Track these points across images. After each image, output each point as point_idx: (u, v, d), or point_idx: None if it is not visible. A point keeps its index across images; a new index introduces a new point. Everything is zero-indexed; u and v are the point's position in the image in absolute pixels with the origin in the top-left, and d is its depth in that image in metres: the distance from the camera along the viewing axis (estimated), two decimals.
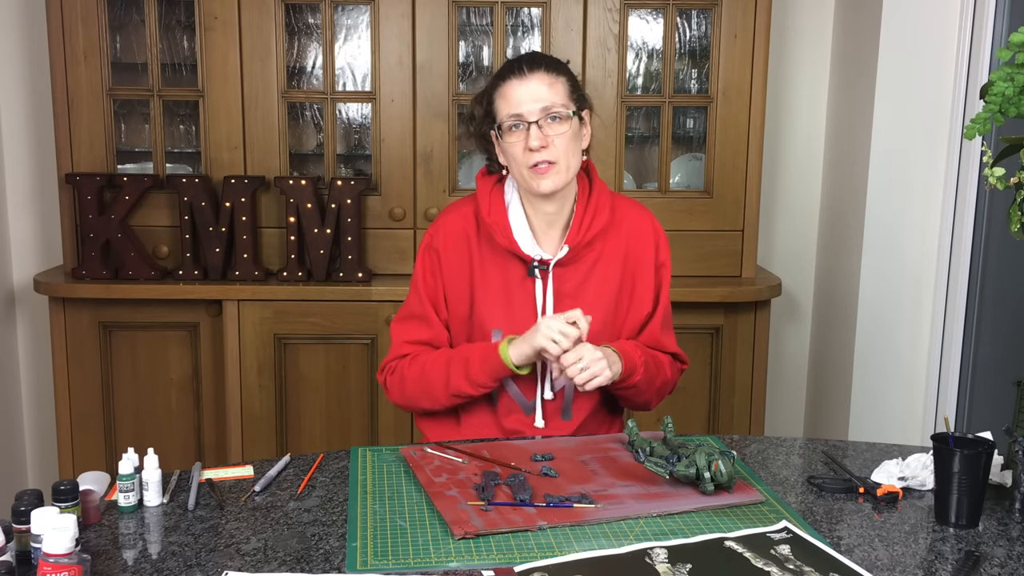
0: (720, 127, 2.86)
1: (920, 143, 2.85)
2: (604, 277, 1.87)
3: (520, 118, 1.77)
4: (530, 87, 1.77)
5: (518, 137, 1.78)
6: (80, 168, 2.81)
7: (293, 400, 2.84)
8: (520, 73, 1.78)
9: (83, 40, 2.76)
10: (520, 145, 1.77)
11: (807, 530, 1.41)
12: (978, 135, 1.55)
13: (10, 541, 1.29)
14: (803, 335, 3.37)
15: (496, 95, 1.81)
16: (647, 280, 1.90)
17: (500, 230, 1.84)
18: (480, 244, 1.87)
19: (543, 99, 1.77)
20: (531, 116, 1.76)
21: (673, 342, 1.95)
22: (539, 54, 1.87)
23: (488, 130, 1.85)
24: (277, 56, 2.80)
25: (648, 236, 1.91)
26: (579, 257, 1.86)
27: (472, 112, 1.90)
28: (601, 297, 1.87)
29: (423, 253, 1.90)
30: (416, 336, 1.88)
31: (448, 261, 1.87)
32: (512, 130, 1.78)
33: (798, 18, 3.20)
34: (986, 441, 1.51)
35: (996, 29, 2.66)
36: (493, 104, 1.82)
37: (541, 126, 1.76)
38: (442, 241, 1.88)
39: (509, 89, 1.78)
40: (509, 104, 1.78)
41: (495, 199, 1.87)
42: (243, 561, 1.31)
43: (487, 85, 1.86)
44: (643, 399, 1.89)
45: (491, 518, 1.41)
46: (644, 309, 1.90)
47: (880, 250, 2.91)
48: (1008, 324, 2.72)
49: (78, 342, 2.81)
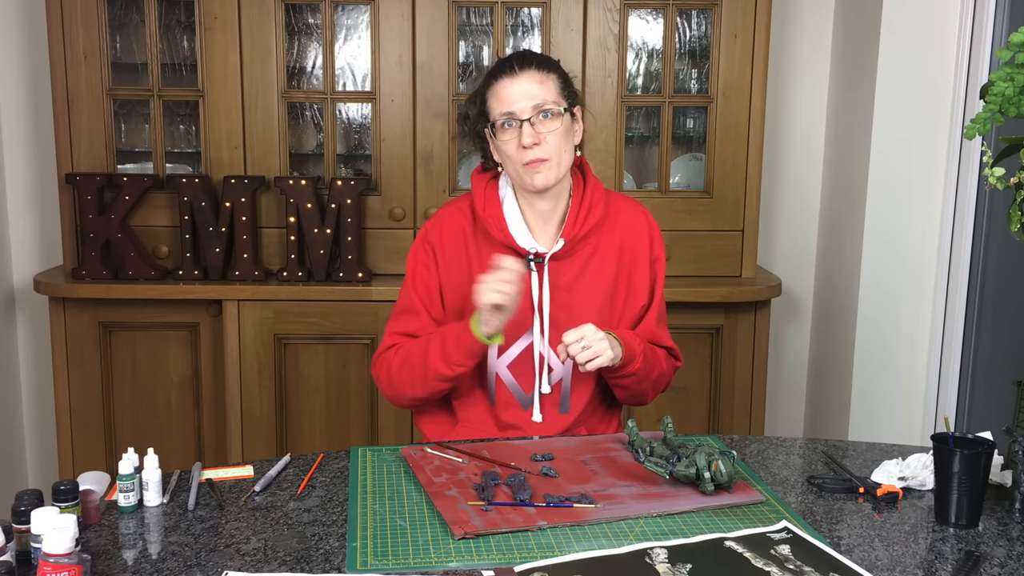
0: (720, 127, 2.86)
1: (920, 143, 2.85)
2: (600, 270, 1.88)
3: (512, 116, 1.78)
4: (521, 85, 1.79)
5: (511, 135, 1.79)
6: (80, 168, 2.81)
7: (293, 400, 2.84)
8: (511, 72, 1.80)
9: (83, 40, 2.76)
10: (513, 143, 1.79)
11: (807, 530, 1.41)
12: (978, 135, 1.55)
13: (10, 541, 1.29)
14: (803, 335, 3.37)
15: (489, 94, 1.83)
16: (643, 274, 1.91)
17: (495, 224, 1.85)
18: (476, 238, 1.87)
19: (535, 96, 1.78)
20: (523, 114, 1.78)
21: (668, 336, 1.96)
22: (530, 52, 1.89)
23: (482, 128, 1.86)
24: (277, 56, 2.80)
25: (643, 230, 1.92)
26: (574, 251, 1.86)
27: (466, 111, 1.91)
28: (597, 290, 1.88)
29: (417, 246, 1.91)
30: (404, 328, 1.89)
31: (444, 254, 1.88)
32: (505, 128, 1.80)
33: (798, 18, 3.20)
34: (986, 441, 1.51)
35: (996, 29, 2.66)
36: (486, 103, 1.84)
37: (533, 123, 1.77)
38: (437, 235, 1.89)
39: (501, 88, 1.80)
40: (501, 102, 1.80)
41: (490, 195, 1.89)
42: (243, 561, 1.31)
43: (480, 84, 1.88)
44: (640, 389, 1.88)
45: (491, 518, 1.41)
46: (640, 302, 1.91)
47: (880, 250, 2.91)
48: (1008, 324, 2.72)
49: (78, 342, 2.81)
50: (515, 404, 1.87)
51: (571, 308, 1.86)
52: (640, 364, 1.81)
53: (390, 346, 1.89)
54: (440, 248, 1.88)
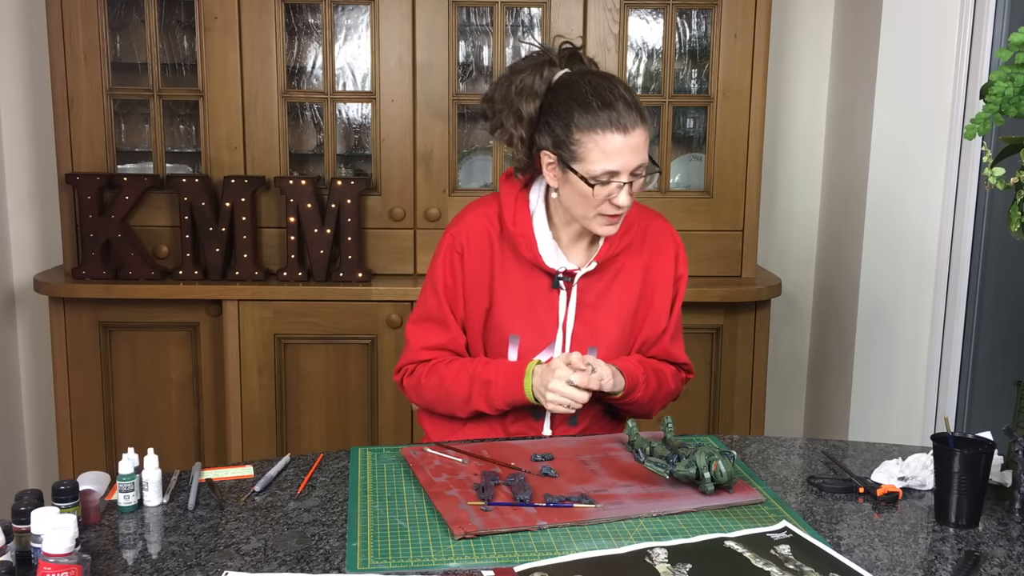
0: (720, 127, 2.86)
1: (920, 143, 2.85)
2: (624, 288, 1.86)
3: (616, 176, 1.70)
4: (631, 144, 1.69)
5: (605, 190, 1.70)
6: (80, 168, 2.81)
7: (293, 400, 2.84)
8: (622, 128, 1.68)
9: (83, 40, 2.76)
10: (602, 195, 1.70)
11: (807, 530, 1.41)
12: (978, 135, 1.55)
13: (10, 541, 1.29)
14: (803, 335, 3.37)
15: (585, 135, 1.69)
16: (665, 292, 1.89)
17: (525, 242, 1.80)
18: (503, 247, 1.84)
19: (639, 158, 1.71)
20: (626, 175, 1.70)
21: (682, 351, 1.95)
22: (634, 99, 1.72)
23: (547, 149, 1.74)
24: (277, 56, 2.80)
25: (670, 249, 1.90)
26: (601, 267, 1.84)
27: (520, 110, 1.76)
28: (620, 308, 1.86)
29: (445, 254, 1.85)
30: (433, 341, 1.86)
31: (470, 263, 1.84)
32: (602, 183, 1.70)
33: (798, 18, 3.20)
34: (986, 441, 1.51)
35: (996, 29, 2.66)
36: (572, 135, 1.70)
37: (631, 183, 1.71)
38: (464, 243, 1.84)
39: (608, 142, 1.68)
40: (607, 158, 1.68)
41: (520, 208, 1.82)
42: (243, 561, 1.31)
43: (560, 106, 1.72)
44: (644, 411, 1.90)
45: (491, 518, 1.41)
46: (660, 324, 1.90)
47: (880, 250, 2.91)
48: (1008, 324, 2.72)
49: (78, 342, 2.81)
50: (527, 415, 1.87)
51: (594, 325, 1.85)
52: (641, 392, 1.82)
53: (421, 360, 1.87)
54: (468, 256, 1.84)
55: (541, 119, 1.75)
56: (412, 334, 1.89)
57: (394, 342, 2.80)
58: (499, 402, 1.80)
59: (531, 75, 1.77)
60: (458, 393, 1.82)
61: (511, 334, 1.84)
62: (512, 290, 1.84)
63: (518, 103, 1.77)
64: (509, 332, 1.84)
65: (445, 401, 1.85)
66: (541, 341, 1.84)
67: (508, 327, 1.84)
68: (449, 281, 1.85)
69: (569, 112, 1.71)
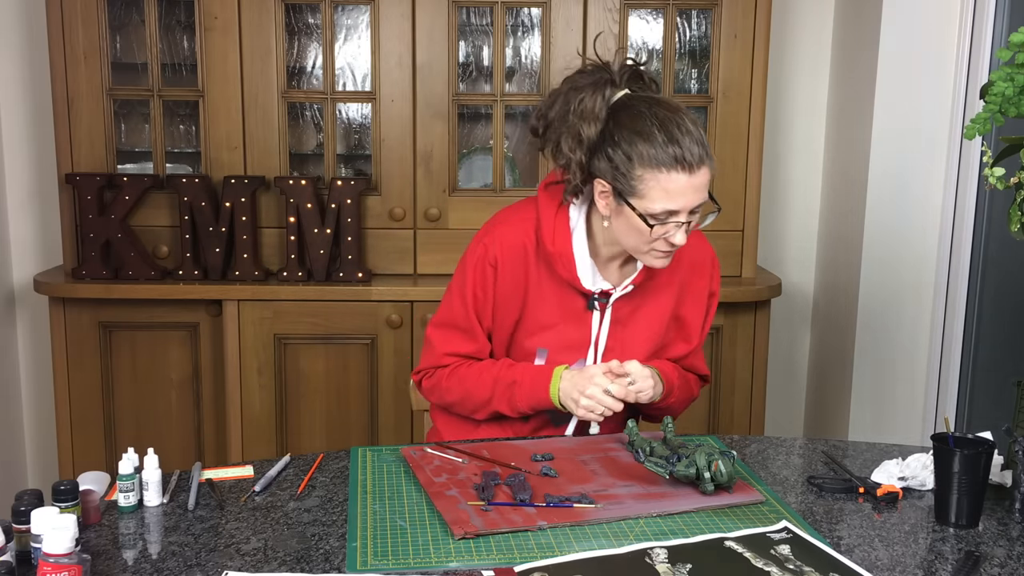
0: (720, 127, 2.86)
1: (920, 143, 2.85)
2: (657, 306, 1.84)
3: (675, 215, 1.63)
4: (695, 184, 1.62)
5: (662, 229, 1.64)
6: (80, 168, 2.81)
7: (293, 400, 2.84)
8: (688, 168, 1.60)
9: (83, 40, 2.76)
10: (659, 234, 1.65)
11: (807, 530, 1.41)
12: (978, 135, 1.55)
13: (10, 541, 1.29)
14: (803, 335, 3.37)
15: (648, 172, 1.61)
16: (698, 309, 1.88)
17: (563, 263, 1.75)
18: (538, 265, 1.78)
19: (701, 198, 1.65)
20: (685, 216, 1.64)
21: (703, 363, 1.96)
22: (701, 135, 1.64)
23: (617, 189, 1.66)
24: (277, 56, 2.80)
25: (705, 267, 1.88)
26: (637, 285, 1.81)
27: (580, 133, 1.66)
28: (652, 326, 1.84)
29: (478, 265, 1.79)
30: (459, 349, 1.83)
31: (503, 277, 1.78)
32: (661, 221, 1.64)
33: (798, 18, 3.20)
34: (986, 441, 1.51)
35: (996, 29, 2.66)
36: (635, 172, 1.62)
37: (689, 222, 1.66)
38: (499, 255, 1.77)
39: (672, 182, 1.61)
40: (669, 198, 1.62)
41: (560, 226, 1.75)
42: (243, 561, 1.31)
43: (622, 135, 1.63)
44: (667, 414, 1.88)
45: (491, 518, 1.41)
46: (692, 342, 1.89)
47: (880, 250, 2.91)
48: (1008, 324, 2.72)
49: (78, 342, 2.81)
50: (547, 421, 1.86)
51: (625, 342, 1.83)
52: (675, 397, 1.83)
53: (443, 365, 1.85)
54: (501, 270, 1.78)
55: (599, 144, 1.67)
56: (435, 337, 1.85)
57: (394, 342, 2.80)
58: (522, 404, 1.78)
59: (592, 96, 1.67)
60: (479, 395, 1.80)
61: (539, 348, 1.82)
62: (544, 306, 1.80)
63: (579, 125, 1.67)
64: (537, 346, 1.82)
65: (464, 403, 1.84)
66: (570, 356, 1.82)
67: (537, 341, 1.82)
68: (479, 292, 1.79)
69: (631, 144, 1.62)
